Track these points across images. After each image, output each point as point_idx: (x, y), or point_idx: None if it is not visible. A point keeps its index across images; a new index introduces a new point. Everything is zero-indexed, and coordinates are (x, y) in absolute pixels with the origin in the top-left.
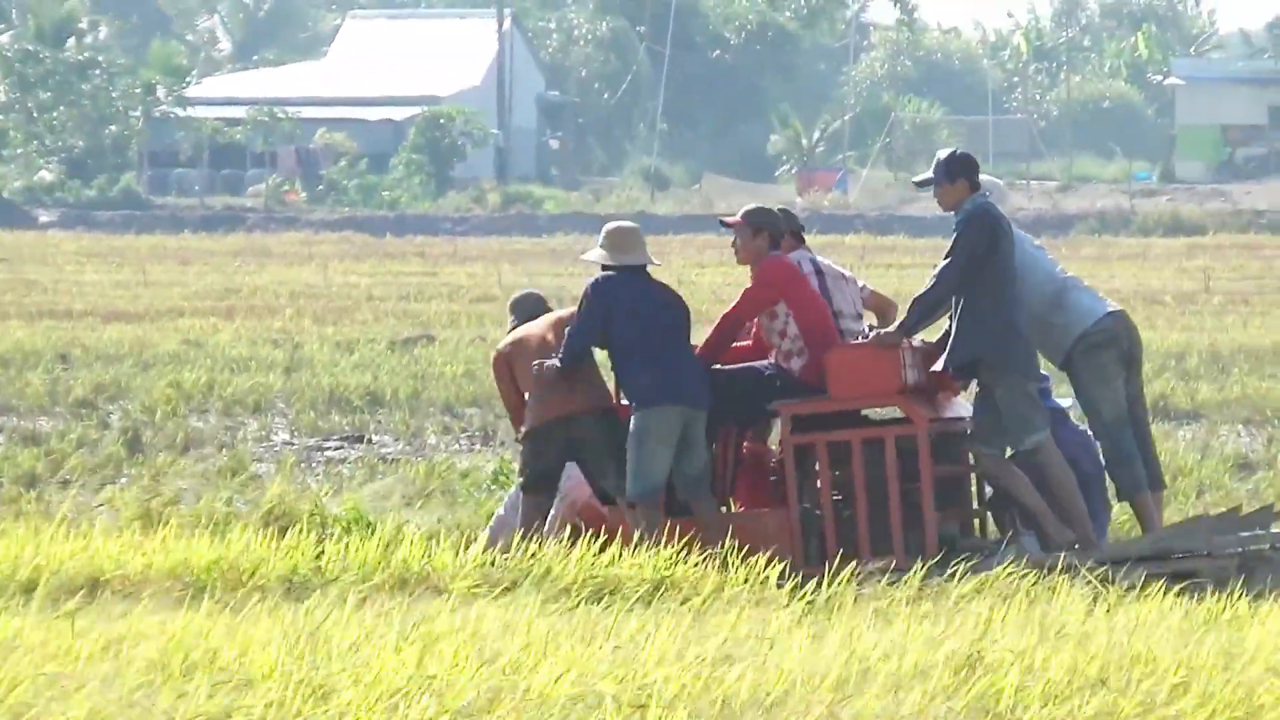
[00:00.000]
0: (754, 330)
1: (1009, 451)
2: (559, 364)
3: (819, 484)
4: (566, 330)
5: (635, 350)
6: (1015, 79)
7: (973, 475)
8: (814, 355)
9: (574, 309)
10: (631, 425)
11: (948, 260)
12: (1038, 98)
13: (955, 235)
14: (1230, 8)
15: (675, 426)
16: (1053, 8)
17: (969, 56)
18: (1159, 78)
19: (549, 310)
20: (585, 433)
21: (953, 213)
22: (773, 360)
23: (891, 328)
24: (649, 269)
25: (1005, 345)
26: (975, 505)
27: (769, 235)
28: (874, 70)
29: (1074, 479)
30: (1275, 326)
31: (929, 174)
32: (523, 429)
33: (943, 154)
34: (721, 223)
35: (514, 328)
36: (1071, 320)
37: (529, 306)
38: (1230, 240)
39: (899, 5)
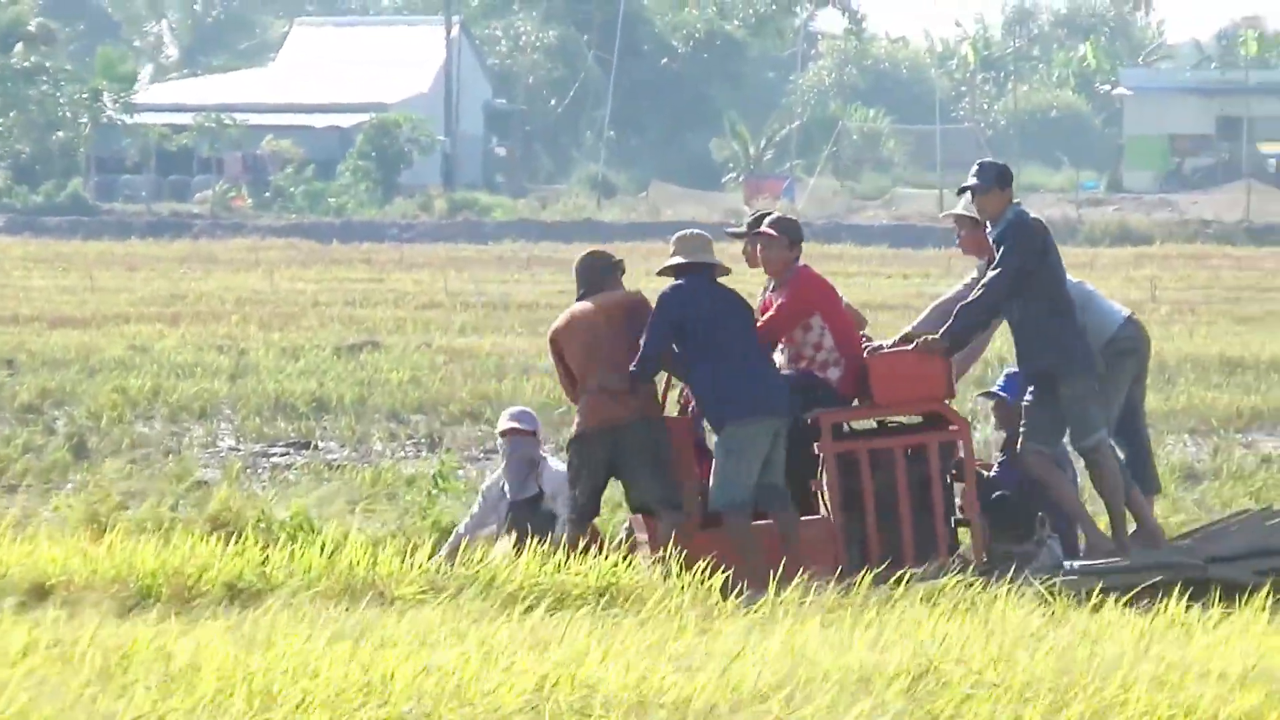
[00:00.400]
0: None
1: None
2: (633, 376)
3: (862, 491)
4: (611, 325)
5: (716, 360)
6: (963, 88)
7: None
8: (849, 365)
9: (634, 293)
10: (723, 439)
11: (998, 270)
12: (985, 107)
13: (1004, 244)
14: (1179, 18)
15: (768, 438)
16: (1004, 16)
17: (917, 66)
18: (1107, 87)
19: (618, 269)
20: (629, 441)
21: (989, 222)
22: (801, 370)
23: (937, 334)
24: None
25: (1073, 347)
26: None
27: (799, 247)
28: (821, 79)
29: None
30: (1221, 336)
31: (976, 180)
32: (571, 432)
33: (988, 161)
34: (758, 232)
35: (580, 296)
36: (1097, 324)
37: (591, 271)
38: (1177, 250)
39: (847, 14)
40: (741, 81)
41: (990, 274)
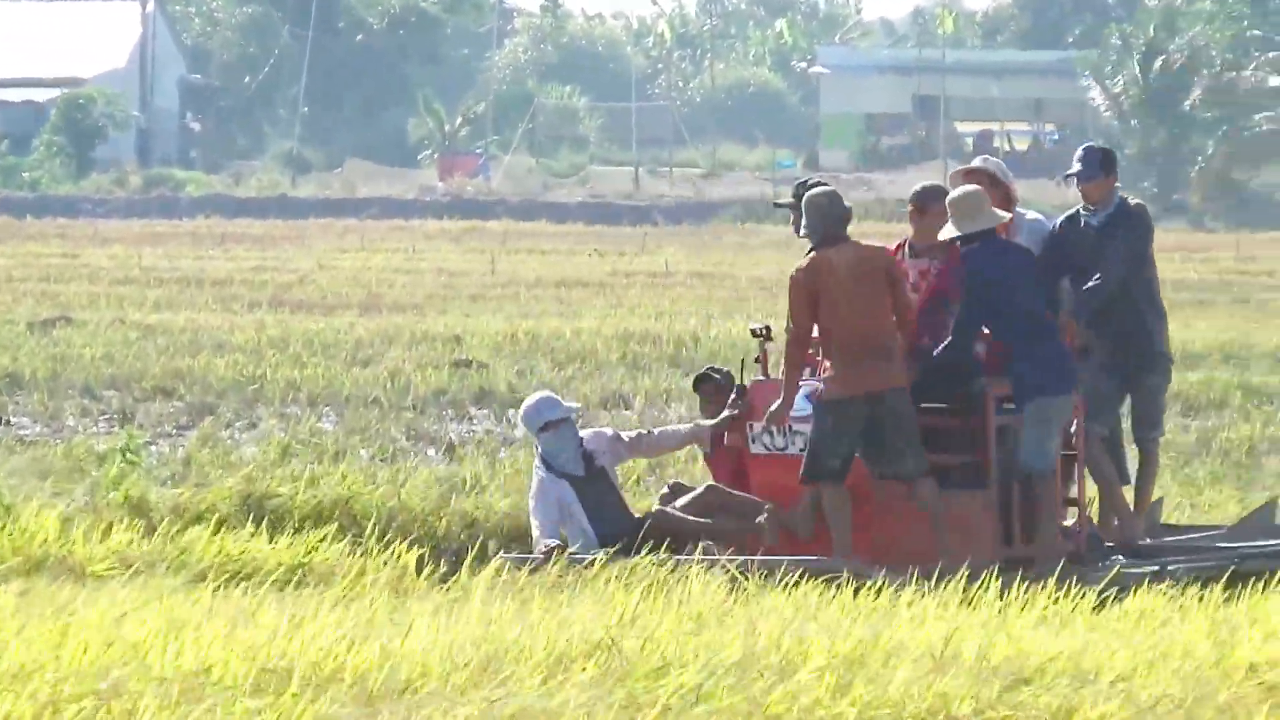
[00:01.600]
0: None
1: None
2: (948, 353)
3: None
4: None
5: (1023, 332)
6: (659, 66)
7: None
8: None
9: (879, 246)
10: (1035, 407)
11: (1115, 256)
12: (681, 84)
13: (1117, 231)
14: None
15: (1070, 409)
16: None
17: (613, 43)
18: (804, 65)
19: (848, 210)
20: (887, 411)
21: (1094, 206)
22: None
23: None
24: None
25: (1162, 339)
26: None
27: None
28: (517, 56)
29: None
30: None
31: (1080, 167)
32: (821, 394)
33: (1093, 147)
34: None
35: (812, 239)
36: None
37: (823, 209)
38: (874, 229)
39: None
40: (437, 58)
41: (1109, 261)
